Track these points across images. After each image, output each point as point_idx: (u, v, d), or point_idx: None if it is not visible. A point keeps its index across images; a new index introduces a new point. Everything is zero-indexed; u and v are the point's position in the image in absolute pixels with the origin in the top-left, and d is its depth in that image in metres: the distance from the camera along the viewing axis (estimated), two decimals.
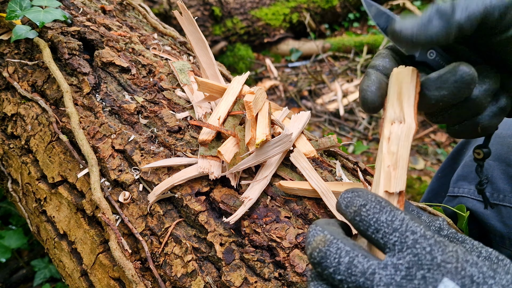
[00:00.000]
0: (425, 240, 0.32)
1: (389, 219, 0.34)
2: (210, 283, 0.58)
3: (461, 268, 0.31)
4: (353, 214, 0.35)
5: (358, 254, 0.33)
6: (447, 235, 0.38)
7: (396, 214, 0.34)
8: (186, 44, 1.12)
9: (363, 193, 0.36)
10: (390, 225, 0.33)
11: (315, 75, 2.90)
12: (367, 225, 0.34)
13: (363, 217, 0.35)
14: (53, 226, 0.80)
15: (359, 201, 0.35)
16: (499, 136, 0.75)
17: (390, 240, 0.33)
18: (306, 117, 0.77)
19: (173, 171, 0.69)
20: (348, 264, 0.32)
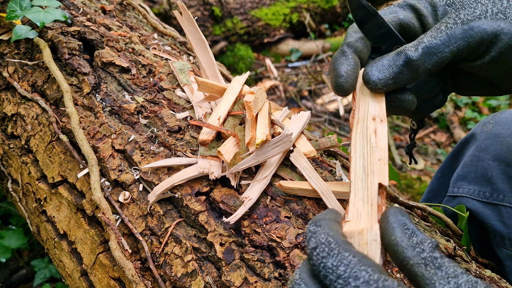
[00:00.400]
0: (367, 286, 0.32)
1: (334, 264, 0.33)
2: (210, 283, 0.58)
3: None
4: (308, 257, 0.36)
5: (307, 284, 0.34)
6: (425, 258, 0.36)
7: (343, 258, 0.33)
8: (186, 44, 1.12)
9: (318, 231, 0.36)
10: (334, 271, 0.33)
11: (315, 75, 2.90)
12: (317, 270, 0.34)
13: (314, 261, 0.35)
14: (53, 226, 0.80)
15: (311, 242, 0.35)
16: (498, 136, 0.75)
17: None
18: (306, 117, 0.77)
19: (173, 171, 0.69)
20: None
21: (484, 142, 0.78)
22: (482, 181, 0.75)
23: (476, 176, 0.77)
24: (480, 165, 0.76)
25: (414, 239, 0.39)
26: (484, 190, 0.75)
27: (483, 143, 0.78)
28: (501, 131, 0.76)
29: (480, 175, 0.76)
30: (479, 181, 0.76)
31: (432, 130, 2.41)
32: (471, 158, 0.79)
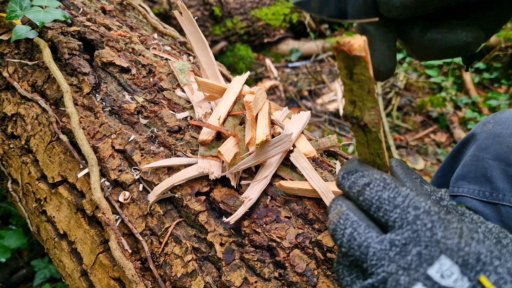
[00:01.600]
0: (428, 216, 0.30)
1: (391, 196, 0.32)
2: (210, 283, 0.58)
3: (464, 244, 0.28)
4: (356, 194, 0.34)
5: (362, 225, 0.32)
6: (446, 206, 0.36)
7: (400, 191, 0.32)
8: (186, 44, 1.12)
9: (368, 172, 0.35)
10: (391, 202, 0.32)
11: (315, 75, 2.90)
12: (369, 204, 0.33)
13: (366, 196, 0.33)
14: (53, 226, 0.80)
15: (363, 180, 0.34)
16: (498, 136, 0.76)
17: (391, 217, 0.31)
18: (306, 117, 0.77)
19: (173, 171, 0.69)
20: (349, 236, 0.32)
21: (484, 141, 0.78)
22: (482, 180, 0.76)
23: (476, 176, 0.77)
24: (480, 165, 0.76)
25: (427, 187, 0.38)
26: (483, 189, 0.75)
27: (483, 143, 0.78)
28: (501, 131, 0.76)
29: (480, 175, 0.76)
30: (479, 181, 0.76)
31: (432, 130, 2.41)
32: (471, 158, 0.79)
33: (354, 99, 0.39)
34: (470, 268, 0.28)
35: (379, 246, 0.30)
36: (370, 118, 0.39)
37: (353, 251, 0.31)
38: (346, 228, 0.32)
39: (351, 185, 0.35)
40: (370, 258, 0.30)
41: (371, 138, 0.39)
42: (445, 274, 0.28)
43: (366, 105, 0.39)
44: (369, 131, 0.39)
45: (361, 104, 0.39)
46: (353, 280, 0.33)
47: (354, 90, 0.39)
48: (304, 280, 0.56)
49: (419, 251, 0.29)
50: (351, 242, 0.32)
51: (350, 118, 0.40)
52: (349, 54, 0.36)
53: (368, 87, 0.38)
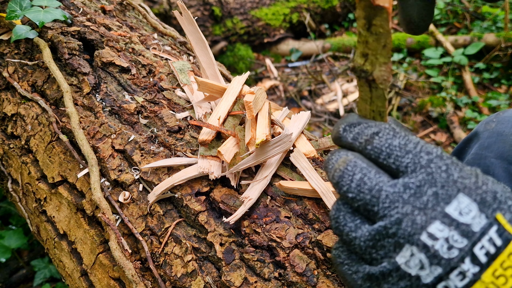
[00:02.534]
0: (441, 160, 0.30)
1: (402, 142, 0.32)
2: (210, 283, 0.58)
3: (482, 183, 0.28)
4: (364, 143, 0.33)
5: (372, 171, 0.31)
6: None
7: (411, 139, 0.32)
8: (186, 44, 1.12)
9: (374, 123, 0.34)
10: (403, 148, 0.31)
11: (315, 75, 2.90)
12: (378, 152, 0.32)
13: (375, 145, 0.32)
14: (53, 226, 0.80)
15: (371, 130, 0.33)
16: (501, 134, 0.76)
17: (403, 163, 0.31)
18: (306, 117, 0.77)
19: (173, 171, 0.69)
20: (359, 181, 0.31)
21: (487, 140, 0.78)
22: None
23: None
24: (483, 163, 0.76)
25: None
26: None
27: (486, 141, 0.78)
28: (504, 130, 0.76)
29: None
30: None
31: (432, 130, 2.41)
32: (474, 156, 0.79)
33: (367, 52, 0.39)
34: (488, 205, 0.28)
35: (391, 189, 0.30)
36: (380, 74, 0.38)
37: (363, 195, 0.30)
38: (355, 174, 0.31)
39: (355, 136, 0.34)
40: (382, 201, 0.30)
41: (376, 95, 0.39)
42: (463, 211, 0.28)
43: (379, 59, 0.38)
44: (375, 87, 0.38)
45: (373, 58, 0.38)
46: (357, 225, 0.32)
47: (370, 42, 0.38)
48: (304, 280, 0.56)
49: (435, 192, 0.29)
50: (361, 186, 0.31)
51: (359, 71, 0.39)
52: (372, 3, 0.36)
53: (384, 41, 0.38)
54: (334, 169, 0.33)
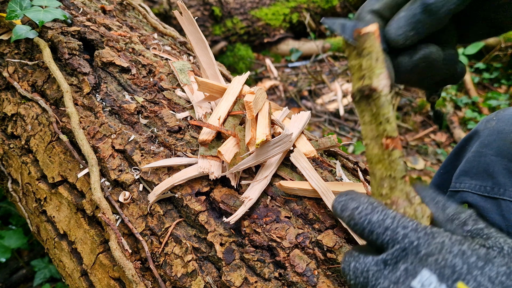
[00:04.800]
0: (415, 234, 0.34)
1: (380, 218, 0.35)
2: (210, 283, 0.58)
3: (441, 259, 0.32)
4: (347, 218, 0.37)
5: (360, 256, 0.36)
6: (470, 231, 0.38)
7: (388, 213, 0.35)
8: (186, 44, 1.12)
9: (356, 195, 0.38)
10: (381, 225, 0.35)
11: (315, 75, 2.90)
12: (361, 228, 0.36)
13: (356, 220, 0.36)
14: (53, 226, 0.80)
15: (352, 204, 0.37)
16: (501, 132, 0.76)
17: (384, 240, 0.35)
18: (306, 117, 0.77)
19: (173, 171, 0.69)
20: (353, 268, 0.36)
21: (487, 138, 0.78)
22: (484, 175, 0.76)
23: (478, 171, 0.78)
24: (483, 160, 0.77)
25: (449, 211, 0.41)
26: (485, 184, 0.76)
27: (486, 139, 0.78)
28: (504, 127, 0.76)
29: (482, 170, 0.77)
30: (480, 176, 0.77)
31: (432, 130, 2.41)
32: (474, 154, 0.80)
33: (363, 74, 0.42)
34: (447, 277, 0.31)
35: (375, 268, 0.34)
36: (379, 83, 0.41)
37: (359, 279, 0.35)
38: (350, 263, 0.36)
39: (342, 209, 0.38)
40: (370, 280, 0.34)
41: (379, 105, 0.41)
42: (425, 284, 0.31)
43: (375, 72, 0.41)
44: (378, 97, 0.41)
45: (370, 74, 0.41)
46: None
47: (364, 64, 0.42)
48: (304, 280, 0.56)
49: (406, 267, 0.33)
50: (355, 273, 0.36)
51: (358, 92, 0.42)
52: (359, 34, 0.42)
53: (376, 56, 0.42)
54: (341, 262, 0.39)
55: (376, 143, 0.41)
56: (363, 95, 0.42)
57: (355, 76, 0.44)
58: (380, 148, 0.41)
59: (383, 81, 0.41)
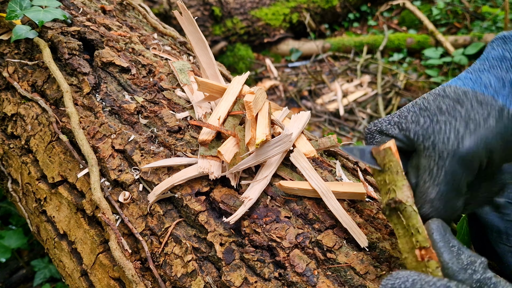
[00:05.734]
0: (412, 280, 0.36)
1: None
2: (210, 283, 0.58)
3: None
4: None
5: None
6: (479, 280, 0.39)
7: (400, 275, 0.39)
8: (186, 44, 1.12)
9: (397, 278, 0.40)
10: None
11: (315, 75, 2.90)
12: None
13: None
14: (53, 226, 0.80)
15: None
16: None
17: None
18: (306, 117, 0.77)
19: (173, 171, 0.69)
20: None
21: None
22: None
23: None
24: None
25: (463, 258, 0.42)
26: None
27: None
28: None
29: None
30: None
31: None
32: None
33: (388, 188, 0.46)
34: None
35: None
36: (403, 194, 0.44)
37: None
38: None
39: None
40: None
41: (407, 216, 0.44)
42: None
43: (398, 185, 0.45)
44: (404, 209, 0.44)
45: (394, 187, 0.45)
46: None
47: (387, 179, 0.47)
48: (304, 280, 0.56)
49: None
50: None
51: (387, 206, 0.46)
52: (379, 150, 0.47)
53: (396, 169, 0.46)
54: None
55: (413, 256, 0.43)
56: (392, 208, 0.45)
57: (382, 191, 0.48)
58: (416, 260, 0.42)
59: (406, 192, 0.44)
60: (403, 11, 3.47)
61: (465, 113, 0.47)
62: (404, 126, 0.51)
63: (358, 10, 3.75)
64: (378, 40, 3.10)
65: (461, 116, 0.47)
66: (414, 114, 0.51)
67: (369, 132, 0.55)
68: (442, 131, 0.47)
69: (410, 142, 0.51)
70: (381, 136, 0.53)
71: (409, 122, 0.51)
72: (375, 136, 0.54)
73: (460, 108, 0.48)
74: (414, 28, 3.33)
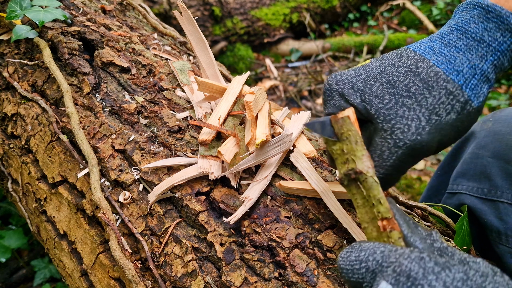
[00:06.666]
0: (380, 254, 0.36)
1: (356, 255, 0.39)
2: (210, 283, 0.58)
3: (397, 266, 0.33)
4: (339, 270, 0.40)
5: None
6: (439, 249, 0.39)
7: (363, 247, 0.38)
8: (186, 44, 1.12)
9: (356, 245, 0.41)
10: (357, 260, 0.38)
11: (315, 75, 2.90)
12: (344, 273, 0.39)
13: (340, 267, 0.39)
14: (53, 226, 0.80)
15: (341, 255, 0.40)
16: (498, 134, 0.76)
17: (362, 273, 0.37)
18: (306, 117, 0.77)
19: (173, 171, 0.69)
20: None
21: (484, 139, 0.78)
22: (481, 177, 0.76)
23: (475, 173, 0.77)
24: (479, 162, 0.76)
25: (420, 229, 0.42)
26: (482, 186, 0.75)
27: (482, 141, 0.78)
28: (501, 129, 0.76)
29: (479, 172, 0.76)
30: (477, 178, 0.77)
31: None
32: (471, 156, 0.79)
33: (346, 157, 0.45)
34: (402, 284, 0.32)
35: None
36: (363, 164, 0.43)
37: None
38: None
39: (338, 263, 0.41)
40: None
41: (367, 187, 0.42)
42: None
43: (357, 155, 0.44)
44: (365, 180, 0.42)
45: (353, 157, 0.44)
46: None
47: (345, 148, 0.45)
48: (304, 280, 0.56)
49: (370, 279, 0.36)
50: None
51: (345, 176, 0.44)
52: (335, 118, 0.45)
53: (355, 139, 0.44)
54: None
55: (374, 226, 0.42)
56: (351, 179, 0.44)
57: (339, 161, 0.46)
58: (378, 230, 0.41)
59: (366, 163, 0.43)
60: (403, 11, 3.47)
61: (431, 102, 0.47)
62: (367, 99, 0.49)
63: (358, 10, 3.75)
64: (378, 40, 3.10)
65: (426, 105, 0.47)
66: (380, 87, 0.49)
67: (329, 89, 0.52)
68: (405, 117, 0.47)
69: (369, 116, 0.49)
70: (340, 100, 0.50)
71: (373, 95, 0.49)
72: (334, 97, 0.51)
73: (428, 95, 0.47)
74: (414, 28, 3.33)
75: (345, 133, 0.45)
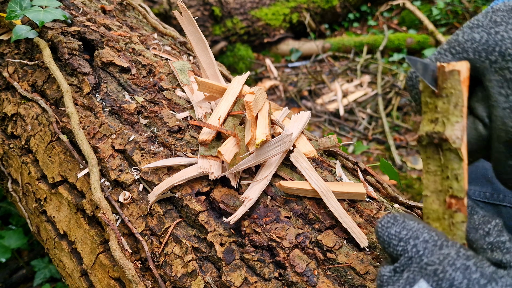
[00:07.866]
0: (423, 244, 0.34)
1: (397, 230, 0.37)
2: (210, 283, 0.58)
3: (441, 271, 0.32)
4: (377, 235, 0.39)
5: (385, 267, 0.38)
6: (491, 243, 0.37)
7: (406, 225, 0.36)
8: (186, 44, 1.12)
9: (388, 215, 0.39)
10: (397, 236, 0.36)
11: (315, 75, 2.90)
12: (382, 241, 0.38)
13: (379, 235, 0.38)
14: (53, 226, 0.80)
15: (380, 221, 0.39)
16: None
17: (398, 251, 0.36)
18: (306, 117, 0.77)
19: (173, 171, 0.69)
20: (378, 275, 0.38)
21: None
22: (483, 181, 0.76)
23: (477, 177, 0.77)
24: (481, 166, 0.76)
25: (475, 218, 0.40)
26: (484, 190, 0.75)
27: None
28: None
29: (481, 176, 0.76)
30: (479, 182, 0.76)
31: None
32: None
33: (437, 117, 0.38)
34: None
35: (388, 274, 0.37)
36: (453, 132, 0.37)
37: (377, 282, 0.38)
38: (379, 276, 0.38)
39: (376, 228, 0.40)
40: (383, 283, 0.37)
41: (448, 157, 0.37)
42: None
43: (450, 120, 0.37)
44: (448, 149, 0.37)
45: (444, 120, 0.37)
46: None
47: (439, 106, 0.38)
48: (304, 280, 0.56)
49: (408, 275, 0.34)
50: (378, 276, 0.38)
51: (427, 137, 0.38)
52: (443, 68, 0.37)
53: (456, 101, 0.37)
54: None
55: (437, 199, 0.38)
56: (431, 142, 0.38)
57: (426, 117, 0.39)
58: (441, 205, 0.38)
59: (457, 132, 0.36)
60: (403, 11, 3.47)
61: None
62: (458, 49, 0.41)
63: (358, 10, 3.74)
64: (378, 40, 3.10)
65: None
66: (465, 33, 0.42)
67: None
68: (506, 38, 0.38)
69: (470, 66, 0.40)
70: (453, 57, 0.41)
71: (462, 42, 0.41)
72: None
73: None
74: (414, 28, 3.33)
75: (447, 89, 0.37)
